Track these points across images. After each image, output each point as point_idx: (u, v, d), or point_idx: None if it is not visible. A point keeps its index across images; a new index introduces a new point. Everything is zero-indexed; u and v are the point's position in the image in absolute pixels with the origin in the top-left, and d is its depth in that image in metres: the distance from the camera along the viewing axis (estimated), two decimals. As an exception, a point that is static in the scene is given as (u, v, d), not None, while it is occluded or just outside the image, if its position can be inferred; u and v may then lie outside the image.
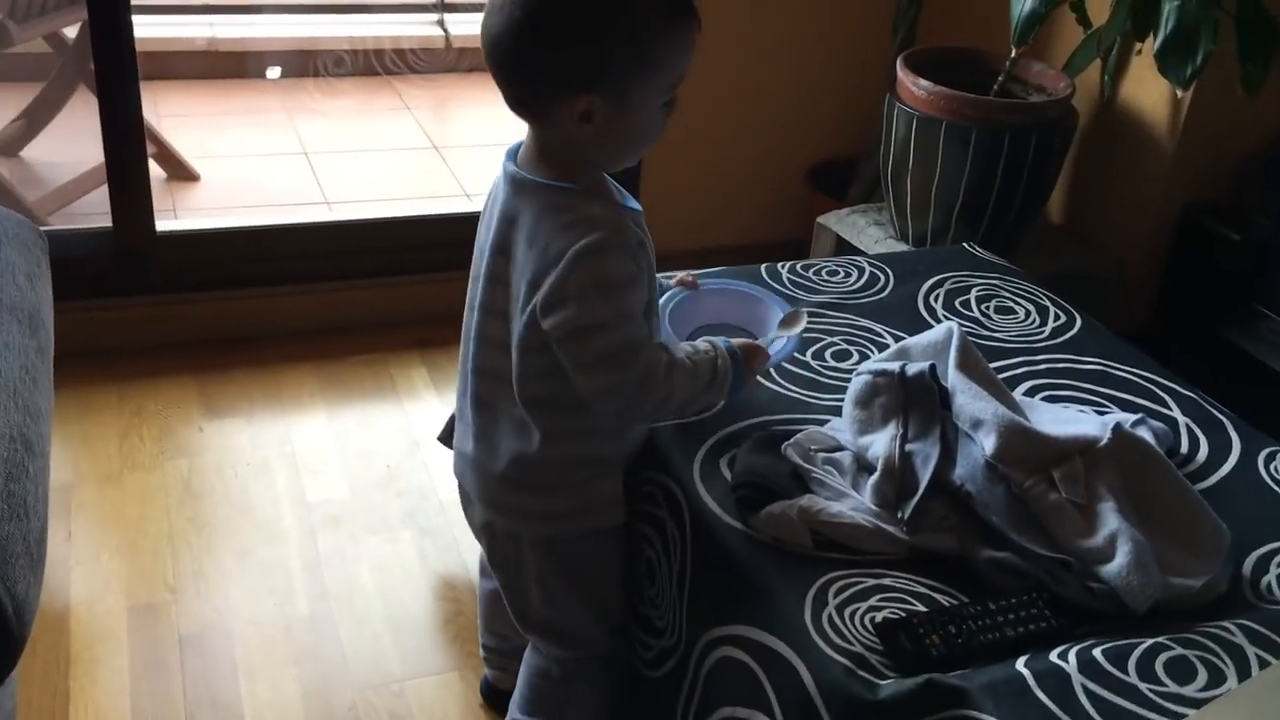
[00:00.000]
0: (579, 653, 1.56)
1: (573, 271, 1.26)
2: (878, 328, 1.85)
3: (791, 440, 1.47)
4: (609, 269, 1.28)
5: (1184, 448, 1.62)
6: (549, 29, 1.23)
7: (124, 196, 2.46)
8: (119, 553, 2.03)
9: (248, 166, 3.67)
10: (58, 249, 2.47)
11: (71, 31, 3.30)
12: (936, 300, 1.95)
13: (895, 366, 1.45)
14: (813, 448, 1.46)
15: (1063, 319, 1.93)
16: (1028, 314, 1.93)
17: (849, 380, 1.55)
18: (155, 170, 3.42)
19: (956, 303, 1.95)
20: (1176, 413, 1.70)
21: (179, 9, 4.45)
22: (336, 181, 3.60)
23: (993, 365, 1.75)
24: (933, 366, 1.44)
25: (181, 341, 2.58)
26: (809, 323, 1.67)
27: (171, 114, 3.94)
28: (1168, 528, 1.35)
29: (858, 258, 2.07)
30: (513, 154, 1.41)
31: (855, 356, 1.77)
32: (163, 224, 2.65)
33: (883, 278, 2.01)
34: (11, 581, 1.28)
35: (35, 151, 3.41)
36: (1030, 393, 1.71)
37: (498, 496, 1.47)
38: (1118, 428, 1.38)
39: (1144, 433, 1.56)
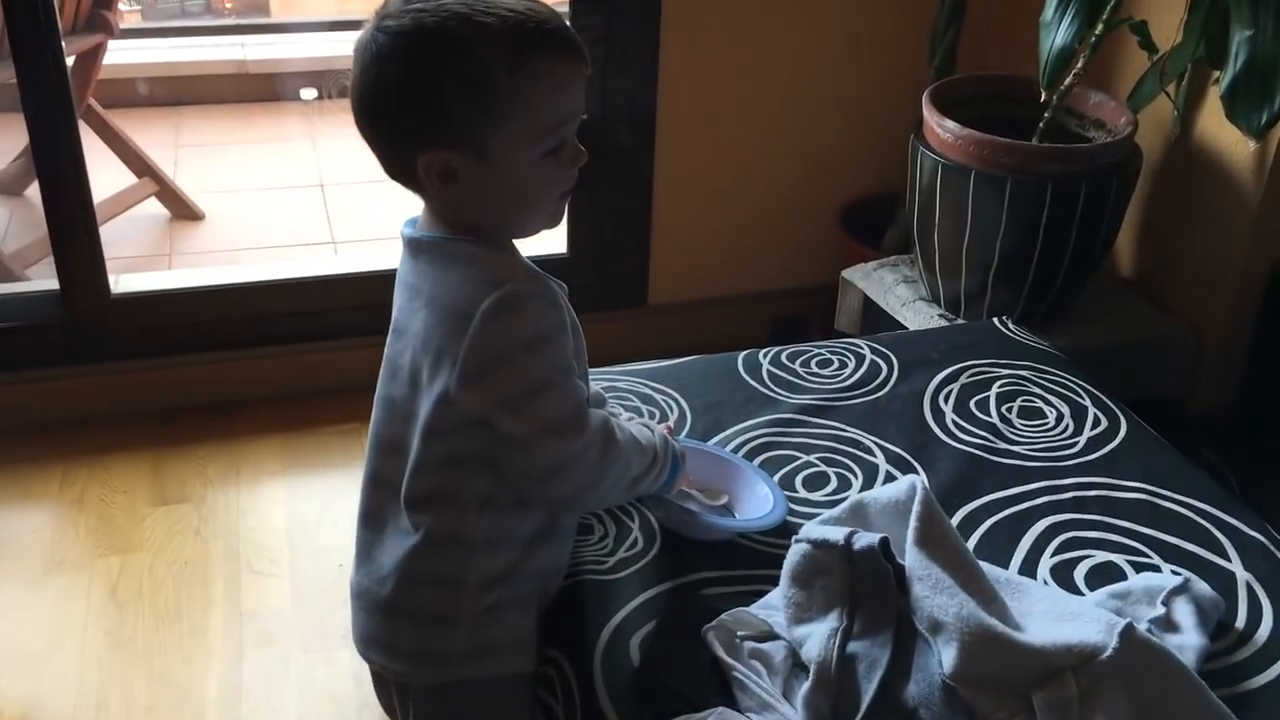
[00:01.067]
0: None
1: (490, 331, 1.10)
2: (868, 440, 1.53)
3: (715, 622, 1.17)
4: (532, 320, 1.12)
5: (1239, 619, 1.27)
6: (385, 84, 1.10)
7: (70, 256, 2.26)
8: (22, 672, 1.82)
9: (257, 202, 3.46)
10: (1, 314, 2.32)
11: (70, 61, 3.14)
12: (948, 400, 1.61)
13: (841, 536, 1.13)
14: (740, 634, 1.15)
15: (1103, 424, 1.57)
16: (1059, 419, 1.58)
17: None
18: (158, 210, 3.25)
19: (972, 404, 1.61)
20: (1236, 566, 1.34)
21: (208, 30, 4.29)
22: (348, 219, 3.37)
23: (1008, 495, 1.43)
24: (885, 540, 1.11)
25: (141, 411, 2.38)
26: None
27: (191, 143, 3.77)
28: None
29: (858, 342, 1.74)
30: (411, 223, 1.22)
31: (833, 483, 1.45)
32: (123, 283, 2.45)
33: (885, 369, 1.68)
34: None
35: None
36: (1049, 534, 1.37)
37: (380, 632, 1.22)
38: (1128, 631, 1.03)
39: (1183, 608, 1.21)
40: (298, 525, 2.13)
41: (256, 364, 2.41)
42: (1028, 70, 2.04)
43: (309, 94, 4.14)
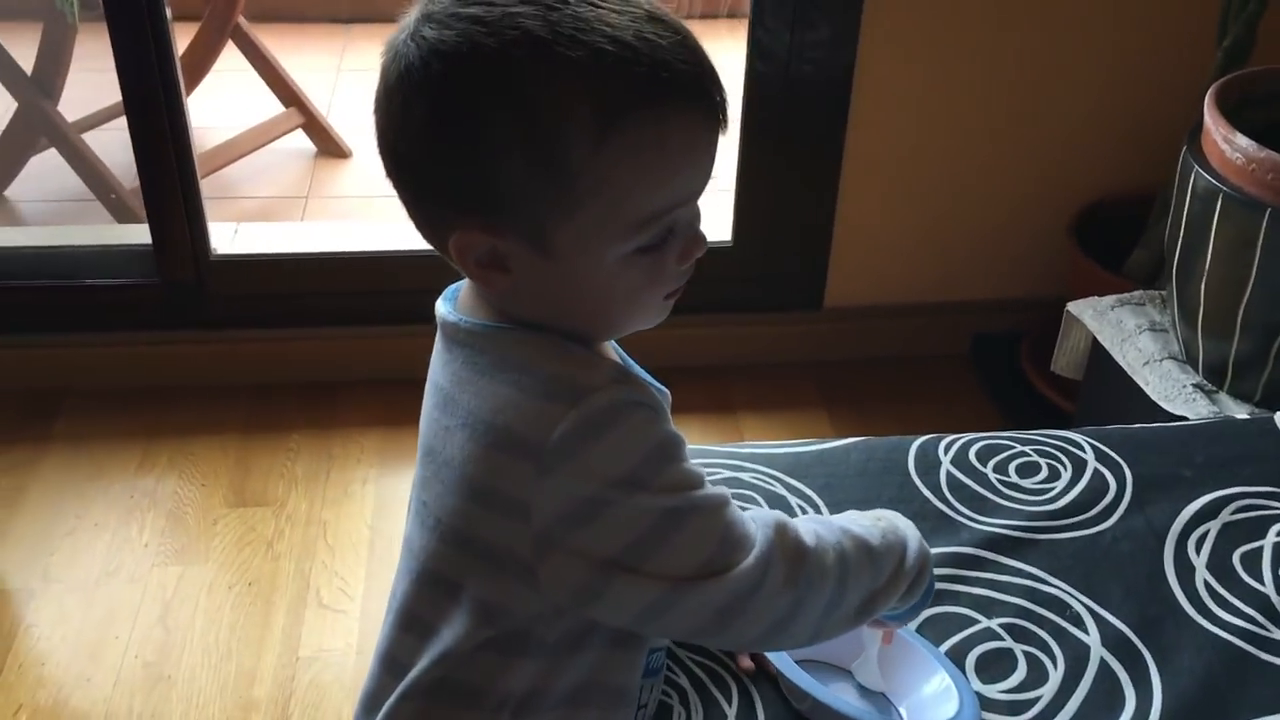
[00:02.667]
0: None
1: (574, 470, 0.76)
2: (1079, 602, 1.09)
3: None
4: (635, 439, 0.78)
5: None
6: (411, 118, 0.76)
7: (165, 211, 2.00)
8: (49, 699, 1.59)
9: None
10: (92, 270, 2.10)
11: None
12: (1200, 549, 1.15)
13: None
14: None
15: None
16: (1369, 598, 1.10)
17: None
18: (304, 145, 2.99)
19: (1237, 559, 1.14)
20: None
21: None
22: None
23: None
24: None
25: (235, 385, 2.12)
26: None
27: (355, 67, 3.49)
28: None
29: (1077, 440, 1.28)
30: (450, 296, 0.87)
31: (1020, 670, 1.03)
32: (240, 235, 2.20)
33: (1113, 486, 1.22)
34: None
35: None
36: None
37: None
38: None
39: None
40: (380, 553, 1.83)
41: (361, 344, 2.12)
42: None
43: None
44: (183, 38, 2.86)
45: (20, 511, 1.88)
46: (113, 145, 2.49)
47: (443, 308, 0.86)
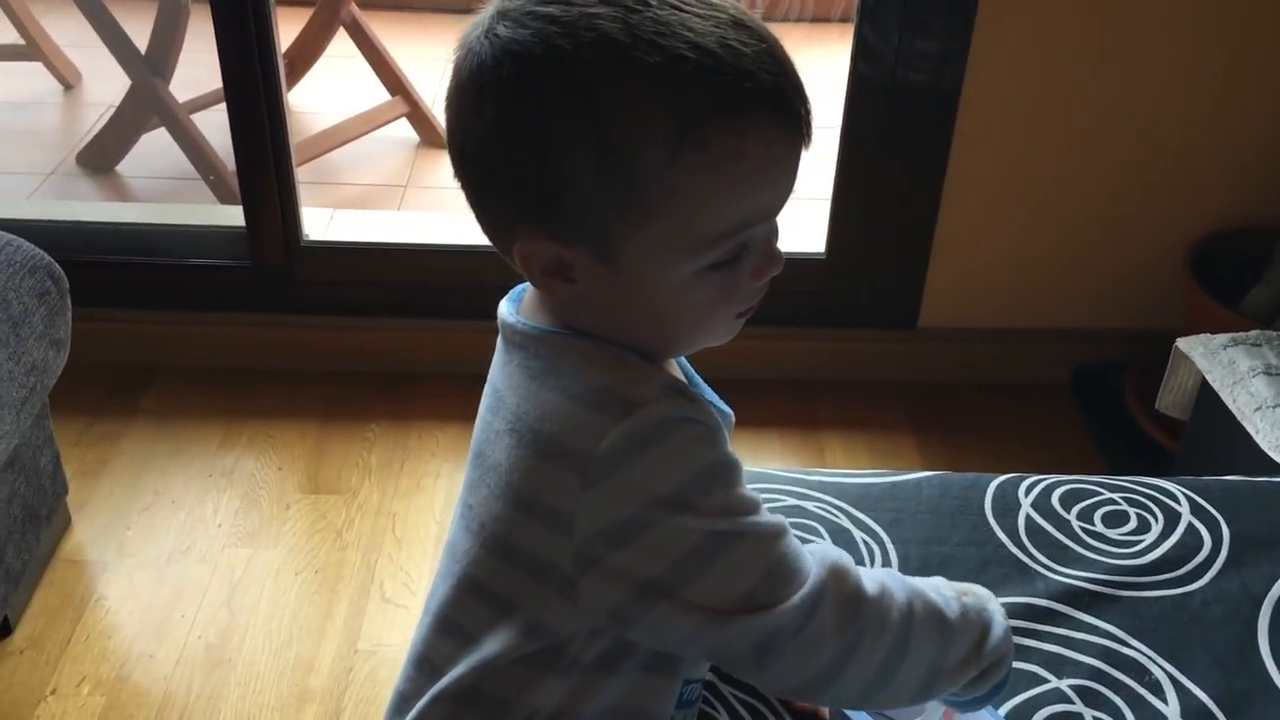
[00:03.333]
0: None
1: (619, 485, 0.73)
2: (1159, 666, 1.01)
3: None
4: (685, 458, 0.74)
5: None
6: (481, 119, 0.72)
7: (258, 196, 2.01)
8: (111, 674, 1.61)
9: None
10: (188, 250, 2.12)
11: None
12: (1298, 617, 1.07)
13: None
14: None
15: None
16: None
17: None
18: (407, 135, 3.00)
19: (1338, 631, 1.05)
20: None
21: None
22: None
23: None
24: None
25: (318, 370, 2.13)
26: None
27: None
28: None
29: (1172, 490, 1.20)
30: (515, 298, 0.84)
31: (1088, 737, 0.96)
32: (335, 222, 2.21)
33: (1207, 542, 1.13)
34: None
35: (297, 97, 3.09)
36: None
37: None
38: None
39: None
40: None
41: (444, 337, 2.10)
42: None
43: None
44: (296, 23, 2.91)
45: (102, 484, 1.91)
46: (220, 127, 2.54)
47: (505, 308, 0.83)
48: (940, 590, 0.83)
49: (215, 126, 2.57)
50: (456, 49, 0.74)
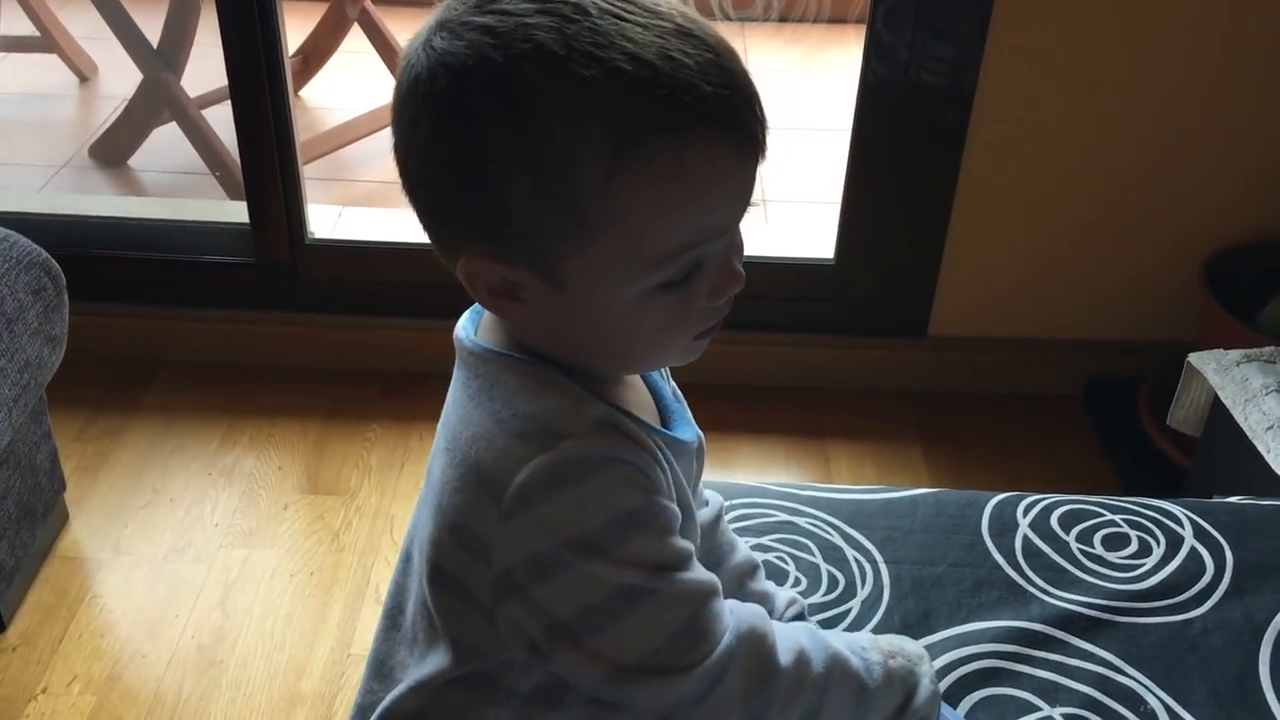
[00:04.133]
0: None
1: (531, 520, 0.70)
2: (1155, 697, 0.98)
3: None
4: (602, 501, 0.71)
5: None
6: (419, 133, 0.69)
7: (263, 193, 2.00)
8: (103, 673, 1.59)
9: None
10: (193, 246, 2.12)
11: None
12: (1301, 648, 1.04)
13: None
14: None
15: None
16: None
17: None
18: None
19: (1342, 663, 1.02)
20: None
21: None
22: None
23: None
24: None
25: (321, 368, 2.12)
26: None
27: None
28: None
29: (1175, 512, 1.16)
30: (479, 311, 0.83)
31: (1077, 771, 0.93)
32: (344, 219, 2.20)
33: (1210, 568, 1.10)
34: None
35: (311, 93, 3.08)
36: None
37: None
38: None
39: None
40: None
41: (449, 338, 2.08)
42: None
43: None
44: (310, 18, 2.90)
45: (102, 480, 1.90)
46: (231, 122, 2.53)
47: (462, 323, 0.81)
48: (865, 654, 0.81)
49: (226, 122, 2.57)
50: (399, 61, 0.72)
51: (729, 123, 0.67)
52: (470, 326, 0.80)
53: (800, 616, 0.98)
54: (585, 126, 0.64)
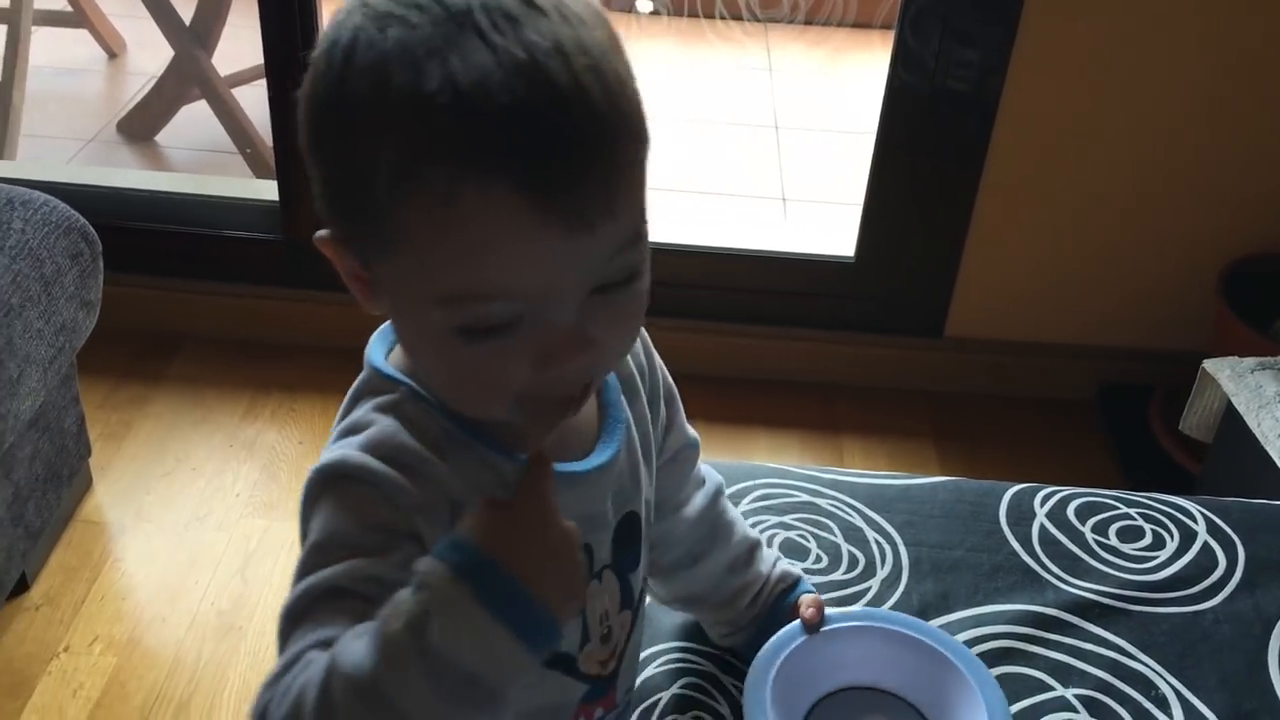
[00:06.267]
0: None
1: (302, 511, 0.75)
2: (1165, 682, 1.01)
3: None
4: (329, 516, 0.71)
5: None
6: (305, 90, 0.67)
7: (292, 170, 2.02)
8: (123, 636, 1.62)
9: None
10: (221, 221, 2.14)
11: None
12: (1310, 642, 1.06)
13: None
14: None
15: None
16: None
17: None
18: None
19: (1350, 658, 1.05)
20: None
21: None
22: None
23: None
24: None
25: (344, 348, 2.14)
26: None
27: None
28: None
29: (1189, 508, 1.19)
30: None
31: (1089, 750, 0.95)
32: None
33: (1222, 562, 1.13)
34: None
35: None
36: None
37: None
38: None
39: None
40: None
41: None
42: None
43: (644, 6, 3.79)
44: None
45: (125, 448, 1.93)
46: (259, 102, 2.56)
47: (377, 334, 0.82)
48: (359, 648, 0.62)
49: (254, 101, 2.60)
50: None
51: (527, 177, 0.60)
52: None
53: (796, 585, 1.00)
54: (384, 137, 0.62)
